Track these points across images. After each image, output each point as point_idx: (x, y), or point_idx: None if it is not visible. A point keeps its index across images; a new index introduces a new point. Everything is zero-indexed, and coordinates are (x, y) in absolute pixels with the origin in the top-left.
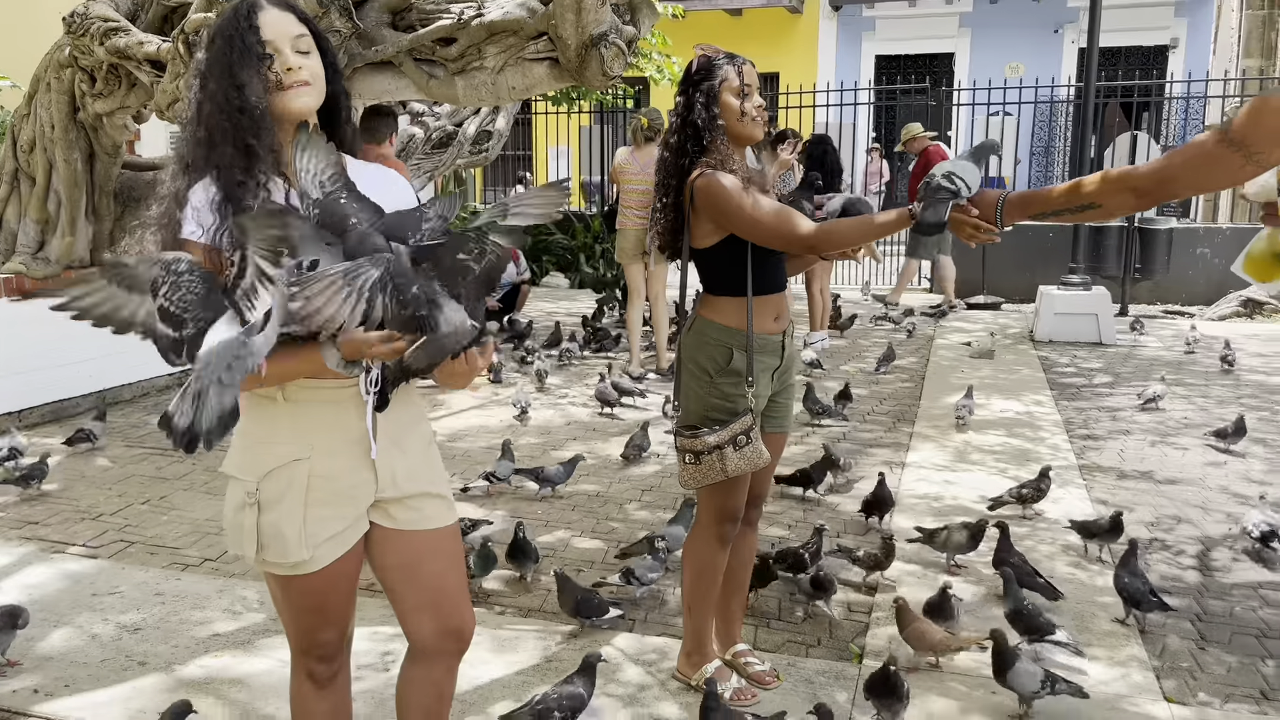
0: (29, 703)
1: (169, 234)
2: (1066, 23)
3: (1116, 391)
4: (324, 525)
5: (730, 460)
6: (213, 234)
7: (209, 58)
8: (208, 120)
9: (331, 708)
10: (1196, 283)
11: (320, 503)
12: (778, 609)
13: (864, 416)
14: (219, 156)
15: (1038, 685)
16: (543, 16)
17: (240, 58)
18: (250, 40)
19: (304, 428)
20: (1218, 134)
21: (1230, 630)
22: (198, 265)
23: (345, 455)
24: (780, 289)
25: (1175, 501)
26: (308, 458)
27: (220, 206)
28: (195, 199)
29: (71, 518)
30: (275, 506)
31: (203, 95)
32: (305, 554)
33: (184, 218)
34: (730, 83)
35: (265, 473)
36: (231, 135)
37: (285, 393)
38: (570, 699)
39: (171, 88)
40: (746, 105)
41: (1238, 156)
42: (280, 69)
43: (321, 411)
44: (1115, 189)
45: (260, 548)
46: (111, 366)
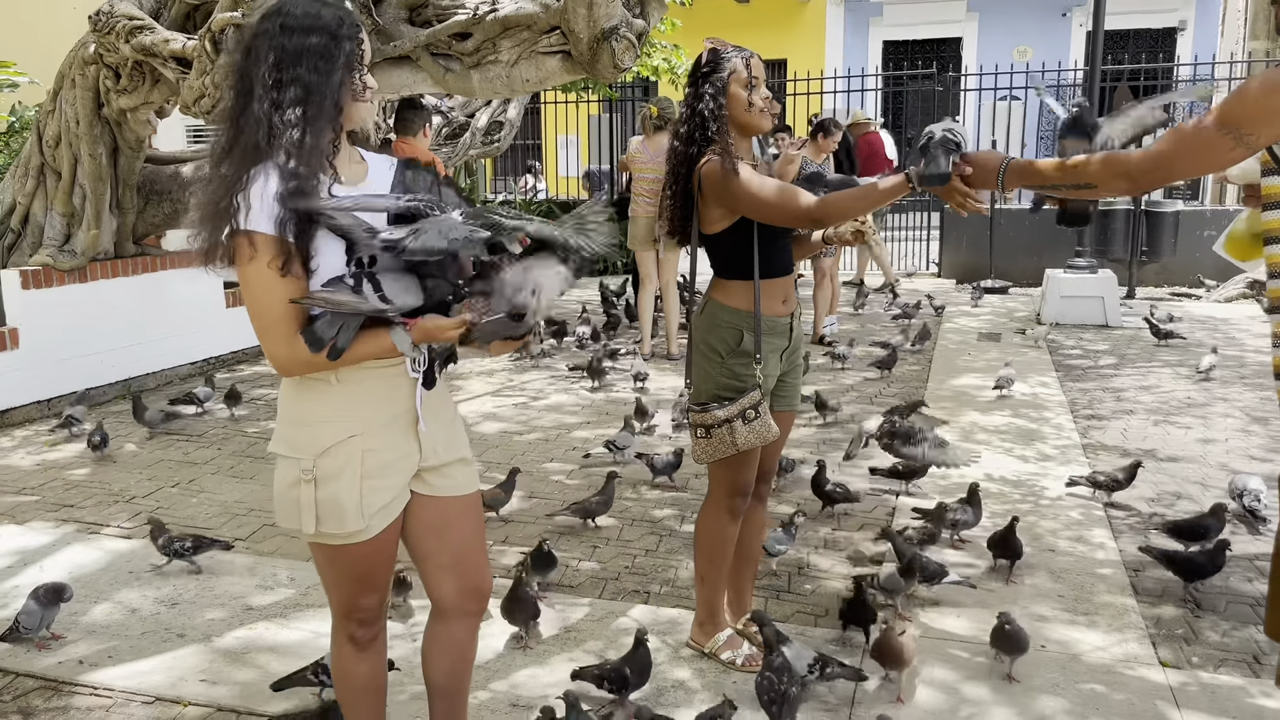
0: (75, 673)
1: (225, 220)
2: (1074, 5)
3: (1121, 373)
4: (377, 496)
5: (739, 434)
6: (279, 225)
7: (307, 46)
8: (293, 102)
9: (370, 669)
10: (1203, 264)
11: (373, 475)
12: (787, 581)
13: (872, 399)
14: (298, 141)
15: (805, 669)
16: (555, 11)
17: (348, 61)
18: (356, 50)
19: (356, 405)
20: (1209, 119)
21: (1225, 599)
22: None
23: (393, 429)
24: (787, 272)
25: (1176, 478)
26: (361, 434)
27: (285, 197)
28: (258, 188)
29: (105, 500)
30: (332, 481)
31: (285, 78)
32: (361, 524)
33: (245, 204)
34: (739, 75)
35: (322, 450)
36: (315, 124)
37: (338, 374)
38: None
39: (198, 84)
40: (754, 97)
41: (1228, 139)
42: (362, 80)
43: (371, 389)
44: (1110, 172)
45: (318, 520)
46: (136, 356)
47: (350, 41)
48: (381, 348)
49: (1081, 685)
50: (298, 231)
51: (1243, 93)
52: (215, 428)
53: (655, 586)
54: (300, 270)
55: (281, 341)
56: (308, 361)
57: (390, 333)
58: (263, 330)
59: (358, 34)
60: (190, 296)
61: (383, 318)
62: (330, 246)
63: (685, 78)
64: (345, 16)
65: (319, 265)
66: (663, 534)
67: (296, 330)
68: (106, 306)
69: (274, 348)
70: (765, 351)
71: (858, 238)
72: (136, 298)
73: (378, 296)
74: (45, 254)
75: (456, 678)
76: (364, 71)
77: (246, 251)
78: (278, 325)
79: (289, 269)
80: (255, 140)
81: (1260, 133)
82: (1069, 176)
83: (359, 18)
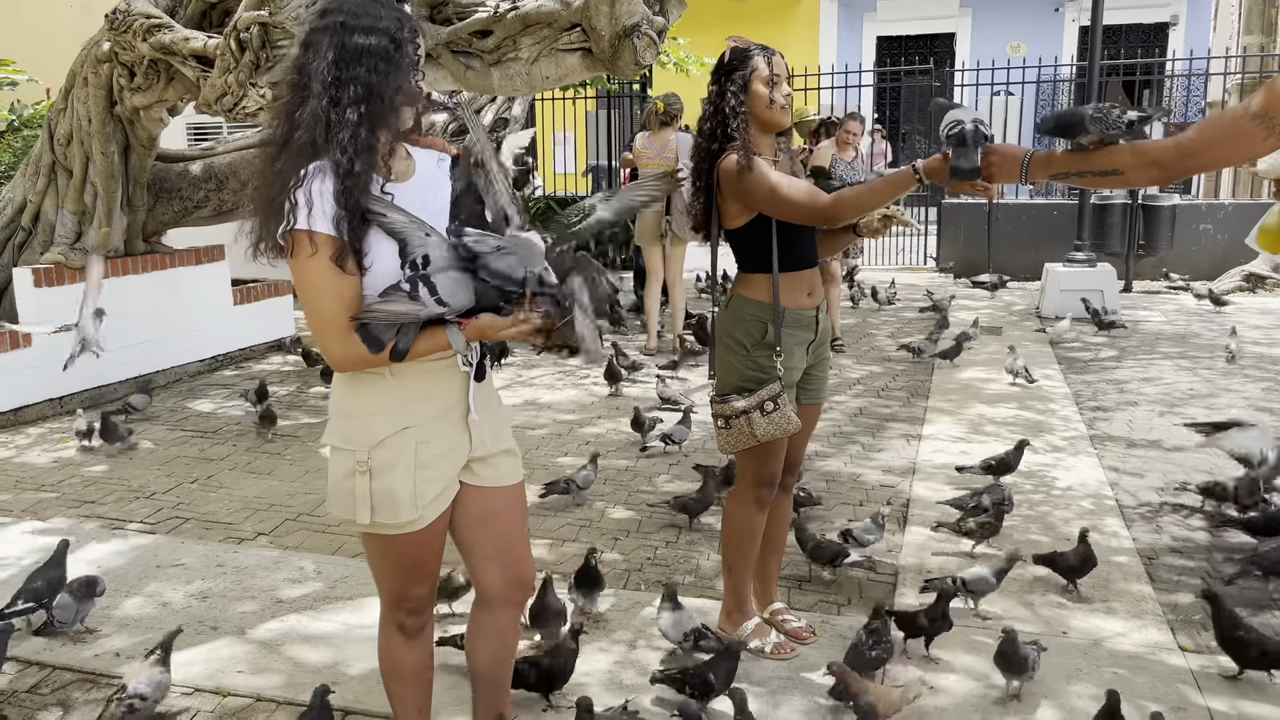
0: (112, 665)
1: (280, 216)
2: (1067, 1)
3: (1123, 365)
4: (429, 486)
5: (758, 425)
6: (336, 224)
7: (367, 47)
8: (353, 101)
9: (419, 658)
10: (1200, 258)
11: (426, 466)
12: (809, 572)
13: (879, 392)
14: (355, 139)
15: (680, 637)
16: (577, 9)
17: (406, 63)
18: (414, 52)
19: (409, 399)
20: (1242, 109)
21: (1239, 586)
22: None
23: (445, 421)
24: (811, 265)
25: (1183, 468)
26: (415, 426)
27: (342, 196)
28: (316, 186)
29: (125, 497)
30: (387, 472)
31: (343, 77)
32: (415, 514)
33: (305, 202)
34: (760, 72)
35: (377, 442)
36: (372, 124)
37: (391, 368)
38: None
39: (220, 83)
40: (775, 94)
41: (1261, 129)
42: (418, 83)
43: (424, 383)
44: (1139, 160)
45: (373, 510)
46: (146, 353)
47: (410, 45)
48: (437, 345)
49: (1104, 670)
50: (353, 230)
51: (1277, 84)
52: (229, 424)
53: (679, 577)
54: (355, 268)
55: (337, 338)
56: (362, 358)
57: (446, 330)
58: (319, 326)
59: (416, 38)
60: (199, 294)
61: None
62: (383, 245)
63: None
64: (405, 19)
65: (372, 263)
66: (682, 525)
67: (352, 328)
68: (117, 304)
69: (329, 344)
70: (789, 344)
71: (886, 224)
72: (146, 295)
73: (434, 300)
74: (57, 252)
75: (501, 665)
76: (420, 75)
77: (307, 249)
78: (334, 322)
79: (344, 267)
80: (312, 137)
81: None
82: (1095, 164)
83: (417, 21)
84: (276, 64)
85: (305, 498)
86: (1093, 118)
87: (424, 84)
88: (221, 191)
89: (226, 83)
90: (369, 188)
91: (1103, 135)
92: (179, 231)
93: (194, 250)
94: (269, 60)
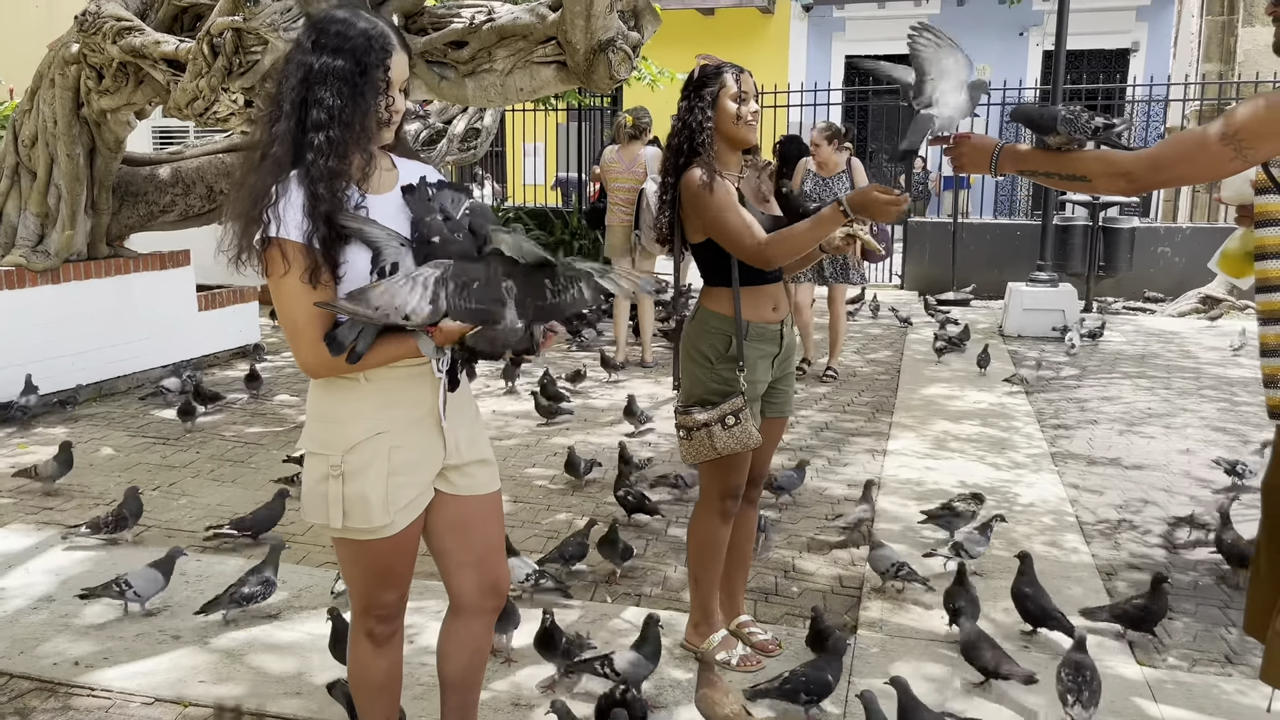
0: (71, 674)
1: (256, 228)
2: (1032, 25)
3: (1084, 384)
4: (402, 492)
5: (719, 438)
6: (307, 237)
7: (330, 69)
8: (322, 124)
9: (388, 665)
10: (1158, 280)
11: (399, 471)
12: (775, 585)
13: (844, 408)
14: (317, 164)
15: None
16: (552, 22)
17: (371, 87)
18: (381, 75)
19: (383, 404)
20: (1213, 128)
21: (1195, 601)
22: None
23: (419, 428)
24: (775, 280)
25: (1141, 485)
26: (389, 431)
27: (312, 209)
28: (290, 200)
29: (85, 504)
30: (360, 477)
31: (309, 99)
32: (387, 519)
33: (276, 216)
34: (729, 88)
35: (350, 446)
36: (337, 148)
37: (366, 374)
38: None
39: (191, 87)
40: (743, 110)
41: (1229, 150)
42: (389, 107)
43: (398, 389)
44: (1107, 169)
45: (345, 515)
46: (109, 358)
47: (378, 68)
48: (406, 350)
49: None
50: (325, 243)
51: (1248, 108)
52: (192, 431)
53: (647, 588)
54: (328, 278)
55: (308, 346)
56: (332, 365)
57: (415, 336)
58: (291, 335)
59: (385, 58)
60: (163, 299)
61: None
62: (359, 255)
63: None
64: (375, 39)
65: (346, 273)
66: (649, 537)
67: (322, 335)
68: (79, 308)
69: (301, 351)
70: (754, 358)
71: (849, 242)
72: (109, 300)
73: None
74: (18, 254)
75: (472, 673)
76: (391, 99)
77: (279, 262)
78: (305, 331)
79: (317, 278)
80: (280, 156)
81: (1259, 148)
82: (1064, 166)
83: (390, 38)
84: (249, 69)
85: None
86: (1064, 118)
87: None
88: (188, 196)
89: (198, 87)
90: (341, 203)
91: (1070, 137)
92: (144, 236)
93: (159, 255)
94: (241, 66)
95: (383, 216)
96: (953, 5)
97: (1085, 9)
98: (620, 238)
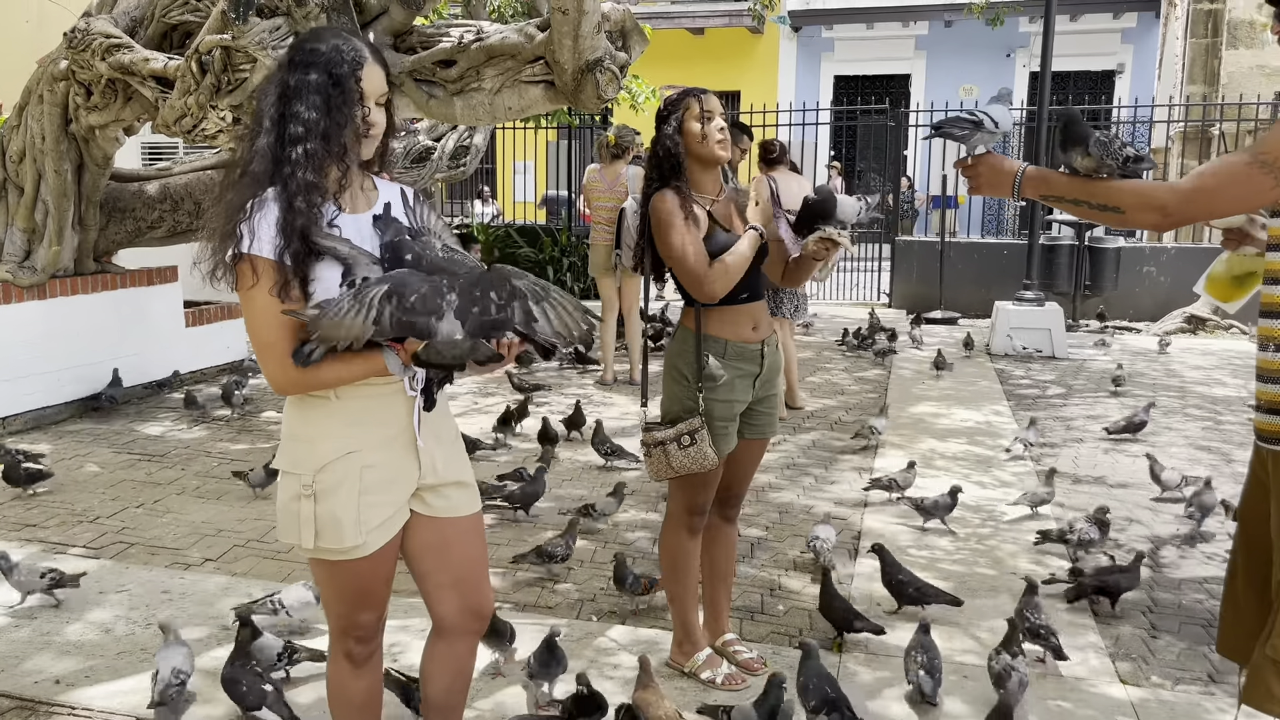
0: (52, 693)
1: (230, 243)
2: (1018, 47)
3: (1070, 402)
4: (375, 512)
5: (674, 457)
6: (279, 252)
7: (304, 83)
8: (298, 139)
9: (366, 686)
10: (1143, 299)
11: (371, 491)
12: (761, 603)
13: (831, 425)
14: (304, 176)
15: (274, 658)
16: (540, 42)
17: (344, 98)
18: (353, 87)
19: (355, 423)
20: (1248, 155)
21: (1179, 620)
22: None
23: (393, 447)
24: (756, 298)
25: (1126, 504)
26: (360, 450)
27: (287, 224)
28: (264, 215)
29: (69, 520)
30: (331, 496)
31: (290, 114)
32: (359, 539)
33: (249, 232)
34: (691, 110)
35: (321, 466)
36: (314, 161)
37: (337, 391)
38: None
39: (180, 104)
40: (707, 129)
41: (1268, 178)
42: (363, 121)
43: (370, 407)
44: (1141, 201)
45: (316, 535)
46: (95, 374)
47: (349, 79)
48: (373, 368)
49: (1048, 701)
50: (296, 259)
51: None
52: (178, 448)
53: (632, 607)
54: (299, 294)
55: (276, 361)
56: (298, 380)
57: (383, 354)
58: (260, 349)
59: (356, 70)
60: (151, 315)
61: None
62: (330, 272)
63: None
64: (345, 52)
65: (316, 290)
66: (635, 556)
67: (290, 352)
68: (65, 324)
69: (269, 366)
70: (732, 377)
71: (823, 244)
72: (96, 316)
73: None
74: (4, 270)
75: (455, 695)
76: (365, 110)
77: (248, 276)
78: (274, 346)
79: (287, 293)
80: (259, 171)
81: None
82: (1096, 195)
83: (362, 51)
84: (237, 87)
85: (255, 524)
86: (1098, 140)
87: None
88: (176, 212)
89: (186, 104)
90: (315, 219)
91: (1101, 162)
92: (132, 252)
93: (146, 271)
94: (230, 83)
95: (355, 236)
96: (940, 26)
97: (1071, 31)
98: (603, 256)
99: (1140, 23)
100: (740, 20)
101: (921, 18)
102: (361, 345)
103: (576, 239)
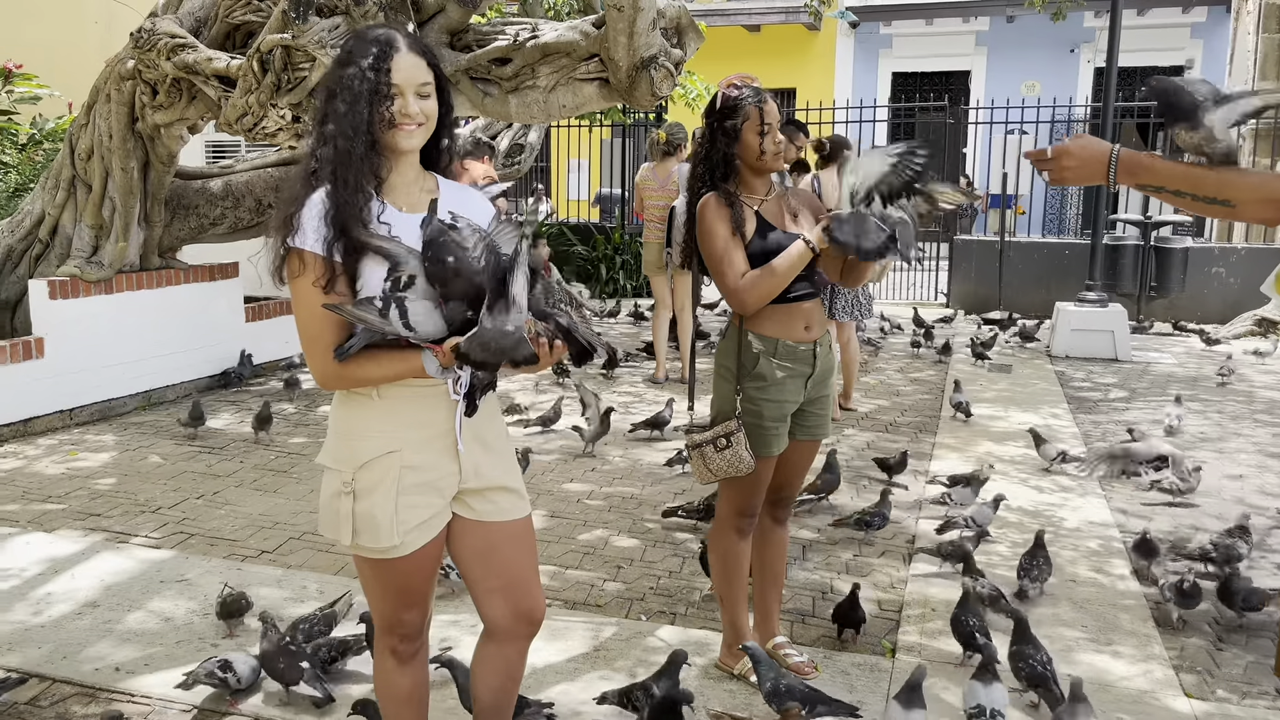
0: (113, 680)
1: (284, 235)
2: (1083, 42)
3: (1132, 406)
4: (413, 513)
5: (711, 460)
6: (325, 245)
7: (342, 78)
8: (331, 136)
9: (412, 682)
10: (1211, 301)
11: (410, 492)
12: (812, 606)
13: (886, 427)
14: (340, 171)
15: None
16: (595, 39)
17: (370, 91)
18: (381, 79)
19: (396, 423)
20: None
21: (1246, 633)
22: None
23: (433, 449)
24: (811, 297)
25: (1193, 513)
26: (399, 450)
27: (332, 220)
28: (310, 210)
29: (131, 511)
30: (370, 495)
31: (329, 111)
32: (396, 539)
33: (299, 226)
34: (752, 122)
35: (361, 464)
36: (350, 156)
37: (379, 390)
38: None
39: (241, 103)
40: (766, 144)
41: None
42: (398, 111)
43: (412, 407)
44: (1260, 195)
45: (355, 533)
46: (157, 368)
47: (374, 71)
48: (411, 368)
49: (1110, 714)
50: (344, 254)
51: None
52: (236, 441)
53: (681, 608)
54: (345, 289)
55: (320, 355)
56: (340, 375)
57: (421, 355)
58: (306, 343)
59: (386, 60)
60: (212, 310)
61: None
62: (377, 268)
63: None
64: (376, 42)
65: (364, 286)
66: (685, 555)
67: (334, 347)
68: (130, 318)
69: (314, 360)
70: (782, 378)
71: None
72: (160, 310)
73: (402, 323)
74: (73, 265)
75: (505, 696)
76: (392, 102)
77: (296, 268)
78: (318, 340)
79: (333, 287)
80: (308, 168)
81: None
82: (1204, 187)
83: (396, 40)
84: (297, 86)
85: (310, 516)
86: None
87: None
88: (238, 209)
89: (247, 103)
90: (361, 215)
91: (1210, 139)
92: (194, 248)
93: (208, 267)
94: (290, 82)
95: (405, 234)
96: (1001, 22)
97: (1138, 25)
98: (655, 254)
99: (1210, 17)
100: (797, 17)
101: (982, 13)
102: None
103: (630, 237)
